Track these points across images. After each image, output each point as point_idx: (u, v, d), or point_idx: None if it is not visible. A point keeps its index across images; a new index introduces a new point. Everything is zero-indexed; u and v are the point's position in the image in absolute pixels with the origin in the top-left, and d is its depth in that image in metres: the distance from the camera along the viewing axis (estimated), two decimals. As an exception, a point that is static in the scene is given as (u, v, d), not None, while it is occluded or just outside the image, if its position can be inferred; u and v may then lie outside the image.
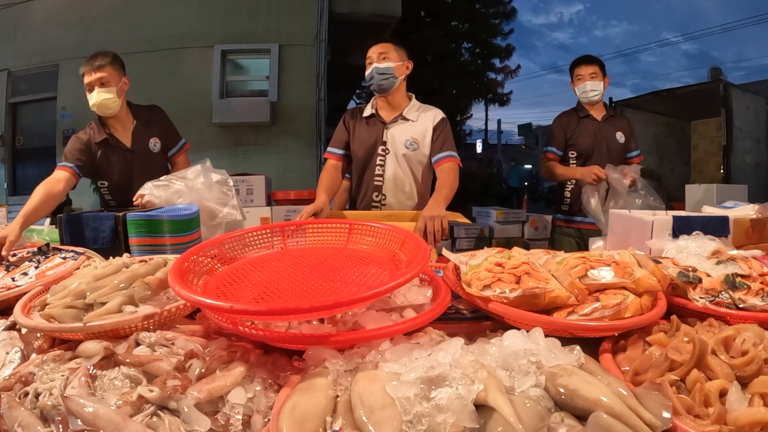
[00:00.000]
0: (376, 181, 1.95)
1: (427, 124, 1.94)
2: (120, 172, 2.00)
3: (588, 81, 2.36)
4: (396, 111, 1.96)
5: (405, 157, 1.93)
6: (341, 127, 2.03)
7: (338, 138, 2.02)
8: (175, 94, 6.40)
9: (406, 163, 1.94)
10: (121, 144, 2.00)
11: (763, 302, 0.87)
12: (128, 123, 2.02)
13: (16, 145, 8.36)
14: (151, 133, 2.07)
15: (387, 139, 1.94)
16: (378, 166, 1.95)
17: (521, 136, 26.38)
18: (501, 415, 0.57)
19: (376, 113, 1.97)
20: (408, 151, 1.92)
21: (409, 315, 0.82)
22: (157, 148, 2.08)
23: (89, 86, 1.89)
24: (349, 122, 2.01)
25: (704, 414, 0.61)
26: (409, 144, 1.92)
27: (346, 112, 2.07)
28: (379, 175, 1.95)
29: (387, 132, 1.94)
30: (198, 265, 0.93)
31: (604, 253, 0.96)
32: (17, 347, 0.84)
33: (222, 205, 1.65)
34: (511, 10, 14.20)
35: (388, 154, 1.94)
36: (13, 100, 8.12)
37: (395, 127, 1.95)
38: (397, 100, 1.96)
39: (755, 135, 5.81)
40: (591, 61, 2.40)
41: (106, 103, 1.89)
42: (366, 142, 1.96)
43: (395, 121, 1.95)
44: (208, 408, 0.64)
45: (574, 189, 2.45)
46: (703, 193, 3.25)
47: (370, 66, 1.90)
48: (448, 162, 1.88)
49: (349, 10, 7.44)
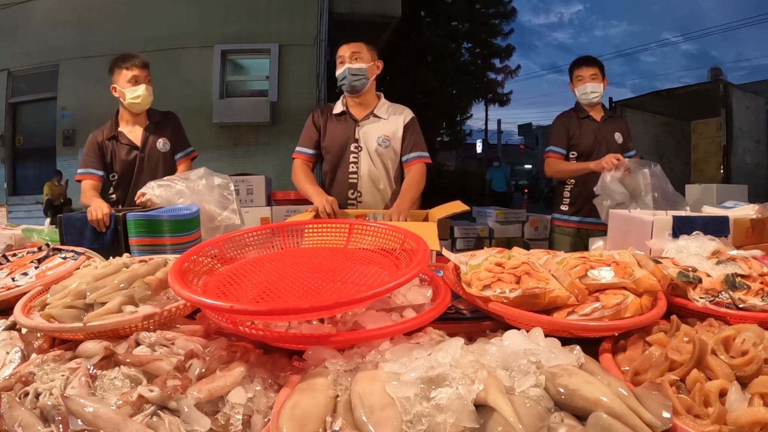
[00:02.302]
0: (350, 179, 1.96)
1: (398, 123, 1.98)
2: (127, 167, 2.09)
3: (588, 83, 2.36)
4: (367, 109, 1.98)
5: (378, 153, 1.95)
6: (310, 126, 2.02)
7: (308, 137, 2.01)
8: (175, 94, 6.40)
9: (380, 159, 1.96)
10: (131, 141, 2.09)
11: (763, 302, 0.87)
12: (142, 123, 2.12)
13: (16, 145, 8.37)
14: (161, 133, 2.14)
15: (359, 137, 1.96)
16: (352, 164, 1.96)
17: (521, 136, 26.41)
18: (501, 415, 0.57)
19: (347, 111, 1.99)
20: (381, 148, 1.95)
21: (409, 315, 0.82)
22: (165, 148, 2.14)
23: (135, 79, 2.00)
24: (319, 120, 2.01)
25: (704, 414, 0.61)
26: (381, 141, 1.95)
27: (315, 111, 2.06)
28: (353, 173, 1.96)
29: (359, 129, 1.96)
30: (198, 265, 0.93)
31: (604, 253, 0.96)
32: (17, 347, 0.84)
33: (222, 209, 1.65)
34: (511, 10, 14.23)
35: (361, 152, 1.95)
36: (13, 100, 8.13)
37: (367, 125, 1.97)
38: (368, 99, 1.99)
39: (755, 135, 5.81)
40: (591, 62, 2.40)
41: (148, 99, 2.04)
42: (338, 140, 1.97)
43: (367, 119, 1.97)
44: (208, 408, 0.64)
45: (574, 189, 2.45)
46: (703, 193, 3.24)
47: (342, 65, 1.91)
48: (418, 163, 1.95)
49: (349, 10, 7.45)
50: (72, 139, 7.59)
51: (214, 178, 1.72)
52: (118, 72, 2.01)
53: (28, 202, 8.08)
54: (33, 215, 7.63)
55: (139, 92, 1.99)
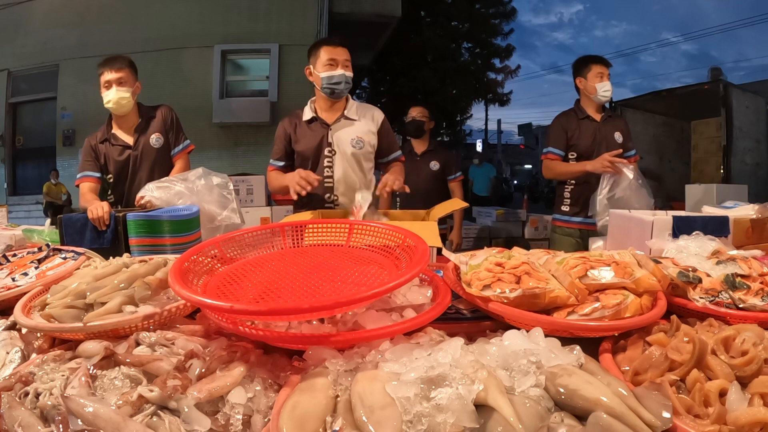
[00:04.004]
0: (326, 183, 1.96)
1: (369, 124, 1.99)
2: (121, 167, 2.09)
3: (608, 81, 2.36)
4: (337, 112, 1.98)
5: (353, 155, 1.96)
6: (281, 136, 2.01)
7: (279, 149, 2.01)
8: (175, 94, 6.41)
9: (354, 161, 1.97)
10: (123, 141, 2.09)
11: (763, 302, 0.87)
12: (133, 122, 2.11)
13: (16, 145, 8.37)
14: (153, 129, 2.13)
15: (332, 141, 1.96)
16: (326, 168, 1.96)
17: (521, 136, 26.41)
18: (501, 415, 0.57)
19: (317, 116, 1.98)
20: (355, 149, 1.96)
21: (409, 315, 0.82)
22: (159, 143, 2.13)
23: (107, 84, 1.99)
24: (288, 129, 2.01)
25: (704, 414, 0.61)
26: (355, 143, 1.96)
27: (284, 120, 2.06)
28: (328, 177, 1.96)
29: (331, 133, 1.96)
30: (198, 265, 0.93)
31: (604, 253, 0.96)
32: (17, 347, 0.84)
33: (221, 208, 1.66)
34: (511, 10, 14.22)
35: (335, 155, 1.96)
36: (13, 100, 8.12)
37: (339, 129, 1.97)
38: (340, 102, 1.99)
39: (755, 135, 5.80)
40: (606, 62, 2.40)
41: (122, 102, 2.00)
42: (311, 146, 1.96)
43: (338, 122, 1.97)
44: (208, 408, 0.64)
45: (575, 189, 2.45)
46: (703, 193, 3.24)
47: (334, 68, 1.89)
48: (398, 164, 2.05)
49: (349, 10, 7.44)
50: (72, 139, 7.58)
51: (213, 178, 1.72)
52: (99, 76, 2.01)
53: (28, 202, 8.08)
54: (33, 215, 7.63)
55: (109, 97, 1.98)
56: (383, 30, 7.97)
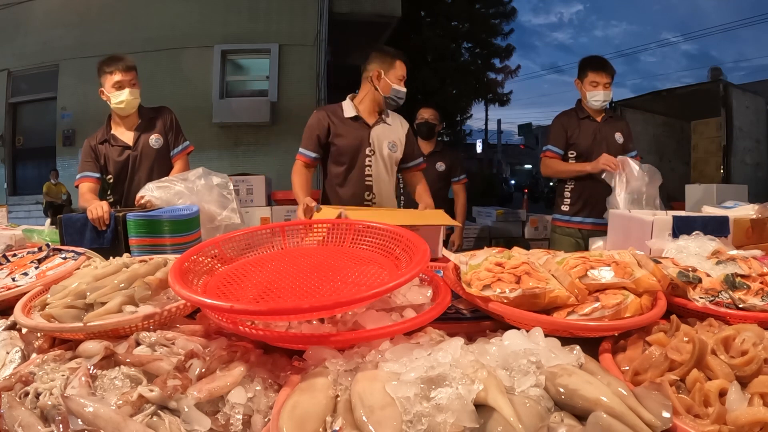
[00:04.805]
0: (366, 181, 2.03)
1: (399, 130, 2.10)
2: (121, 167, 2.10)
3: (602, 90, 2.34)
4: (376, 115, 2.07)
5: (388, 157, 2.05)
6: (316, 127, 2.00)
7: (313, 138, 2.01)
8: (175, 94, 6.40)
9: (389, 163, 2.06)
10: (123, 142, 2.10)
11: (762, 302, 0.87)
12: (133, 123, 2.12)
13: (16, 145, 8.36)
14: (152, 130, 2.14)
15: (372, 141, 2.02)
16: (367, 167, 2.03)
17: (521, 136, 26.43)
18: (501, 415, 0.57)
19: (359, 115, 2.03)
20: (390, 152, 2.05)
21: (409, 315, 0.82)
22: (158, 144, 2.13)
23: (118, 84, 2.00)
24: (327, 122, 2.01)
25: (704, 414, 0.61)
26: (391, 146, 2.05)
27: (319, 112, 2.06)
28: (369, 175, 2.03)
29: (372, 134, 2.03)
30: (198, 265, 0.93)
31: (604, 253, 0.96)
32: (17, 347, 0.84)
33: (221, 208, 1.66)
34: (511, 10, 14.23)
35: (374, 155, 2.03)
36: (13, 100, 8.12)
37: (378, 130, 2.04)
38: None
39: (755, 135, 5.80)
40: (609, 69, 2.37)
41: (133, 103, 2.04)
42: (353, 143, 2.01)
43: (377, 124, 2.05)
44: (208, 408, 0.64)
45: (575, 189, 2.45)
46: (703, 193, 3.24)
47: (401, 83, 2.00)
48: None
49: (349, 10, 7.44)
50: (72, 139, 7.58)
51: (213, 178, 1.72)
52: (104, 76, 2.01)
53: (28, 202, 8.08)
54: (33, 215, 7.63)
55: (123, 98, 1.99)
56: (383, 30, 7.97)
